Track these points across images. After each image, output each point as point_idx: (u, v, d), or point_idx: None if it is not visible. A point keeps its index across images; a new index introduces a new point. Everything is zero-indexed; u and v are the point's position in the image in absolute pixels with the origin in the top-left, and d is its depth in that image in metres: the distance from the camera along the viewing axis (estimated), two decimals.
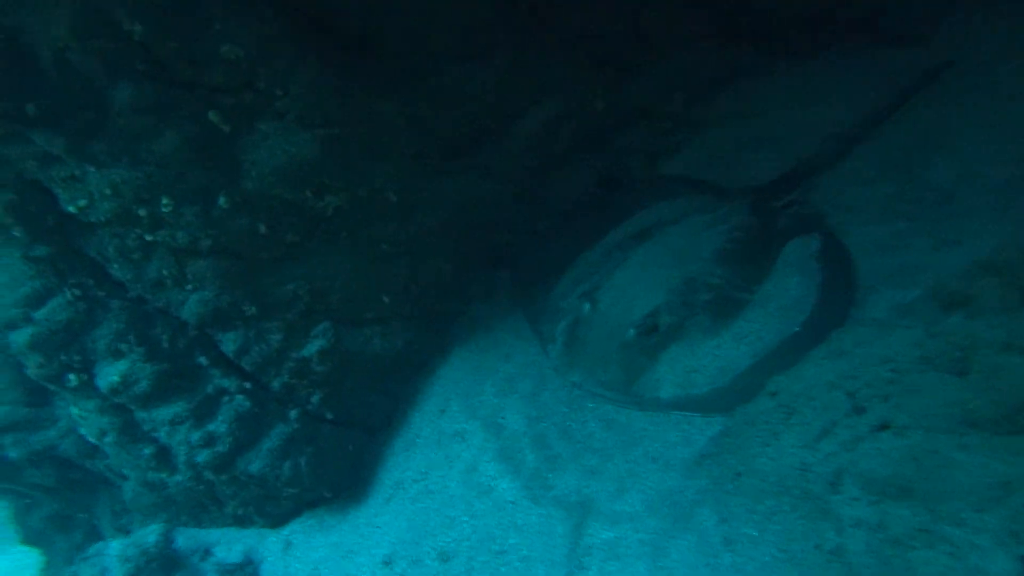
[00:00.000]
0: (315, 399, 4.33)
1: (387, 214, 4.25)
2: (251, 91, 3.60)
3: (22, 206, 3.35)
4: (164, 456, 4.01)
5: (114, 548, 4.79)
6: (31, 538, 5.49)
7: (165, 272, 3.75)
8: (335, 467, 4.44)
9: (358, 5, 3.96)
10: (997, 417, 2.50)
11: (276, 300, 4.13)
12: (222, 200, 3.58)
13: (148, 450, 4.00)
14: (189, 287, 3.85)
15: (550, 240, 5.46)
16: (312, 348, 4.29)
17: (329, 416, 4.41)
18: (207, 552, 4.78)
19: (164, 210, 3.47)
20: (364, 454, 4.76)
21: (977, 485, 2.49)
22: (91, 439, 4.03)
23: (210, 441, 3.88)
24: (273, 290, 4.10)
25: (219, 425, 3.92)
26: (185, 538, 4.85)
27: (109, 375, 3.66)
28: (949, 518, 2.47)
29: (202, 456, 3.87)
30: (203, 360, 3.92)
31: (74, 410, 3.99)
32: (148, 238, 3.60)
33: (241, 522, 4.64)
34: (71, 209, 3.41)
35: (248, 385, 4.06)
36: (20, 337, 3.53)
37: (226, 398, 3.97)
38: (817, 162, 5.07)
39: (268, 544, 4.64)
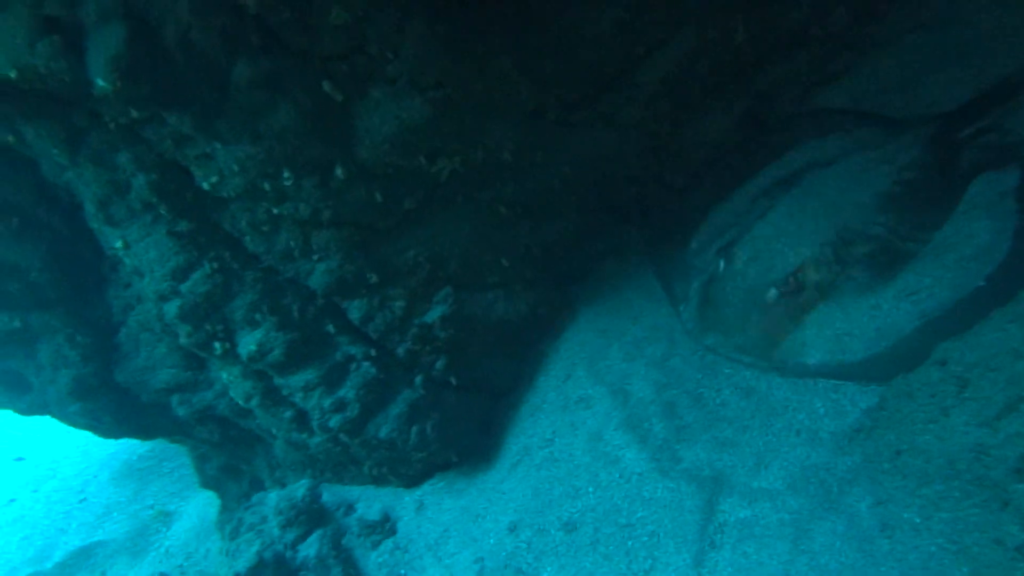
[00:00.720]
0: (439, 365, 4.35)
1: (503, 175, 4.11)
2: (363, 56, 3.56)
3: (164, 185, 3.57)
4: (303, 419, 4.22)
5: (271, 499, 5.19)
6: (208, 483, 6.08)
7: (292, 243, 3.88)
8: (461, 432, 4.47)
9: None
10: None
11: (398, 268, 4.16)
12: (339, 171, 3.62)
13: (288, 413, 4.23)
14: (315, 257, 3.96)
15: (686, 192, 5.08)
16: (435, 314, 4.29)
17: (453, 381, 4.42)
18: (350, 508, 5.04)
19: (286, 183, 3.56)
20: (491, 418, 4.76)
21: None
22: (240, 402, 4.32)
23: (341, 407, 4.02)
24: (394, 258, 4.13)
25: (348, 391, 4.04)
26: (330, 494, 5.15)
27: (247, 344, 3.87)
28: None
29: (334, 421, 4.02)
30: (331, 328, 4.05)
31: (224, 375, 4.29)
32: (275, 211, 3.72)
33: (378, 481, 4.83)
34: (205, 186, 3.59)
35: (374, 352, 4.15)
36: (171, 308, 3.81)
37: (354, 365, 4.08)
38: (1020, 77, 4.17)
39: (404, 504, 4.79)
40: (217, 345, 3.97)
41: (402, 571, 4.46)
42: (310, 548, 4.80)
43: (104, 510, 7.59)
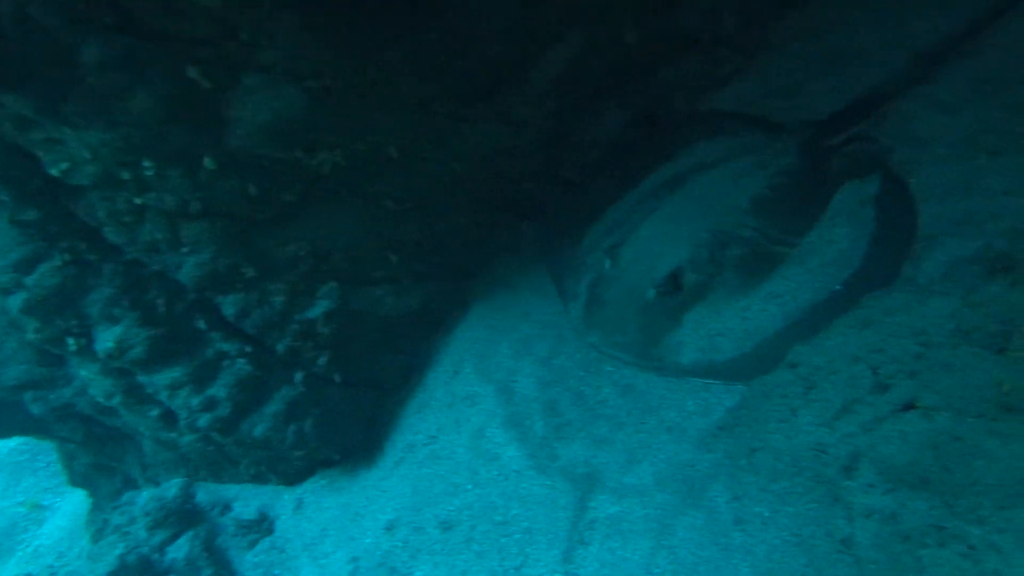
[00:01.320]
0: (322, 361, 4.24)
1: (389, 169, 4.02)
2: (234, 42, 3.37)
3: (5, 170, 3.28)
4: (171, 418, 4.02)
5: (141, 499, 4.94)
6: (77, 481, 5.70)
7: (159, 235, 3.66)
8: (343, 429, 4.38)
9: None
10: None
11: (278, 261, 4.00)
12: (208, 161, 3.43)
13: (154, 412, 4.02)
14: (185, 250, 3.75)
15: (581, 189, 5.14)
16: (318, 310, 4.17)
17: (337, 378, 4.32)
18: (226, 507, 4.87)
19: (147, 173, 3.34)
20: (378, 415, 4.69)
21: (1005, 479, 2.16)
22: (101, 400, 4.07)
23: (210, 405, 3.85)
24: (274, 251, 3.97)
25: (219, 389, 3.88)
26: (205, 492, 4.95)
27: (105, 340, 3.64)
28: (968, 514, 2.16)
29: (203, 420, 3.85)
30: (202, 324, 3.86)
31: (83, 372, 4.03)
32: (137, 201, 3.49)
33: (257, 479, 4.68)
34: (55, 172, 3.31)
35: (250, 349, 4.00)
36: (15, 302, 3.52)
37: (227, 362, 3.91)
38: (889, 88, 4.44)
39: (283, 502, 4.67)
40: (71, 341, 3.70)
41: (277, 571, 4.36)
42: (179, 550, 4.62)
43: None
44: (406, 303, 4.58)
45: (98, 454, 5.23)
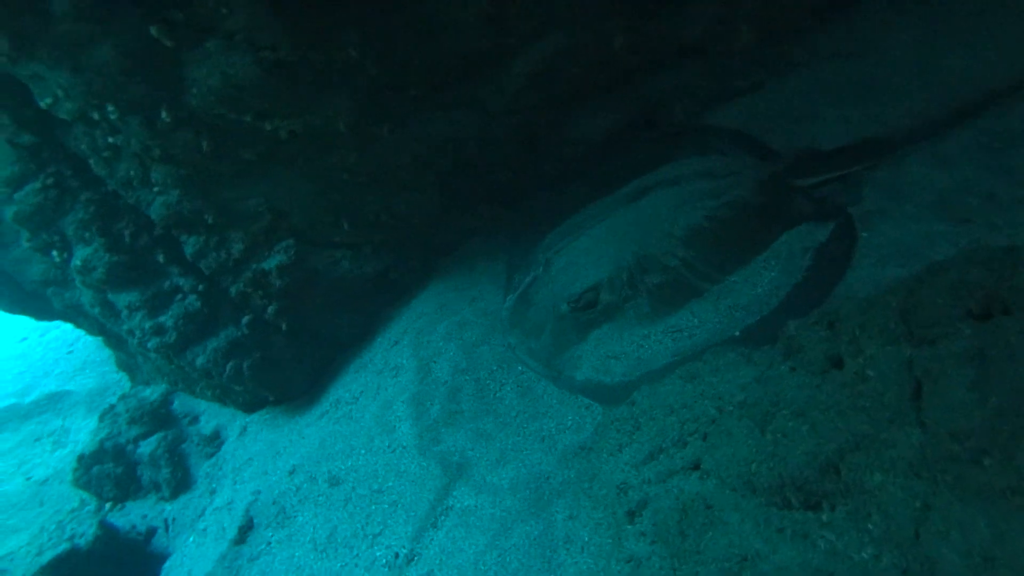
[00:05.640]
0: (271, 310, 4.60)
1: (342, 143, 4.23)
2: (203, 7, 3.67)
3: (4, 98, 3.81)
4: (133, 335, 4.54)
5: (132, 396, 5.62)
6: (121, 367, 6.43)
7: (132, 173, 4.10)
8: (283, 374, 4.75)
9: None
10: (771, 486, 2.06)
11: (239, 212, 4.36)
12: (164, 114, 3.79)
13: (124, 327, 4.56)
14: (156, 189, 4.18)
15: (559, 186, 5.13)
16: (272, 262, 4.52)
17: (284, 327, 4.67)
18: (195, 419, 5.45)
19: (111, 117, 3.76)
20: (330, 365, 5.03)
21: (728, 554, 2.11)
22: (87, 308, 4.67)
23: (160, 331, 4.32)
24: (236, 204, 4.33)
25: (168, 319, 4.33)
26: (181, 402, 5.55)
27: (76, 258, 4.17)
28: None
29: (152, 343, 4.33)
30: (161, 258, 4.31)
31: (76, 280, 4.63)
32: (110, 140, 3.94)
33: (220, 401, 5.18)
34: (43, 105, 3.80)
35: (202, 287, 4.41)
36: (7, 212, 4.12)
37: (179, 296, 4.36)
38: (900, 138, 4.10)
39: (234, 426, 5.17)
40: (55, 254, 4.28)
41: (214, 485, 4.85)
42: (148, 447, 5.23)
43: (82, 364, 8.25)
44: (364, 268, 4.83)
45: (116, 349, 5.96)
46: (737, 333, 3.43)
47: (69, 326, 9.08)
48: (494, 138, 4.74)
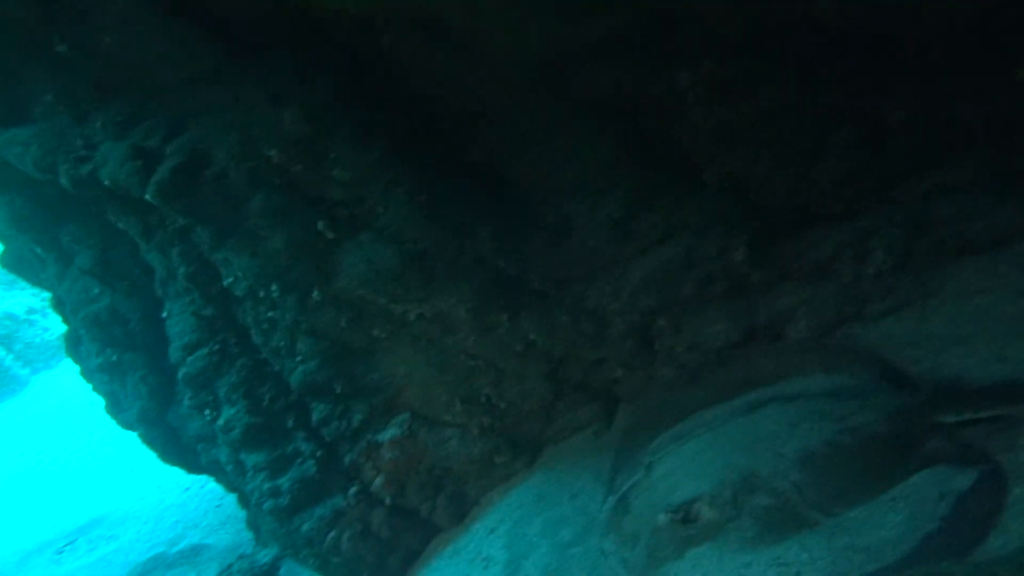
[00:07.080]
0: (378, 482, 4.79)
1: (464, 328, 4.60)
2: (362, 206, 4.40)
3: (199, 276, 4.67)
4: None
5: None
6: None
7: (282, 343, 4.72)
8: (379, 551, 4.79)
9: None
10: None
11: (364, 385, 4.78)
12: (315, 293, 4.42)
13: (249, 486, 4.94)
14: (299, 359, 4.75)
15: (673, 388, 5.10)
16: (387, 435, 4.80)
17: (387, 501, 4.81)
18: None
19: (274, 295, 4.45)
20: (423, 547, 5.01)
21: None
22: (224, 464, 5.15)
23: (275, 493, 4.63)
24: (363, 376, 4.77)
25: (284, 481, 4.65)
26: (288, 568, 5.68)
27: (221, 417, 4.72)
28: None
29: (267, 504, 4.64)
30: (291, 423, 4.75)
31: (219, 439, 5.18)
32: (269, 314, 4.62)
33: (320, 571, 5.25)
34: (225, 283, 4.61)
35: (320, 453, 4.74)
36: (181, 373, 4.83)
37: (299, 459, 4.70)
38: None
39: None
40: (207, 412, 4.88)
41: None
42: None
43: (226, 519, 8.65)
44: (469, 450, 4.95)
45: (245, 507, 6.34)
46: None
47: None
48: (604, 339, 4.91)
